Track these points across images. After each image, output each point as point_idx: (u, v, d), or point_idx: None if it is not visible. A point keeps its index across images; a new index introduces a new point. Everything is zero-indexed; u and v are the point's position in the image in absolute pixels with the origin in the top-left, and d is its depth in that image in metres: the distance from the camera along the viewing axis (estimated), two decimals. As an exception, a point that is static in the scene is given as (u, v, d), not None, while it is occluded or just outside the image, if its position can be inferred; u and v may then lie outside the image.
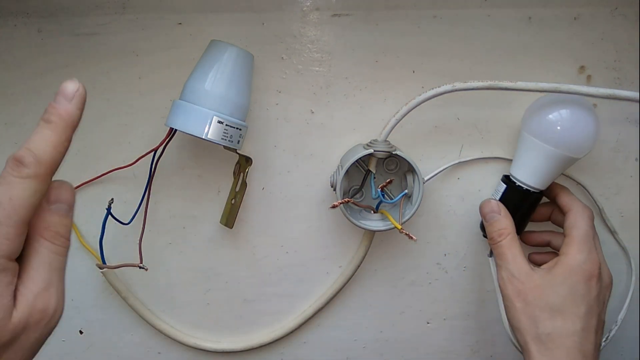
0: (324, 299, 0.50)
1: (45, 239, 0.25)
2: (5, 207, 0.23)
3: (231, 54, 0.41)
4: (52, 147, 0.24)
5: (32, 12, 0.46)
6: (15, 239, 0.23)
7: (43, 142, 0.24)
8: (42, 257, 0.24)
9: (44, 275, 0.24)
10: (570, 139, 0.42)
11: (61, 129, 0.25)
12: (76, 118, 0.26)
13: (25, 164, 0.23)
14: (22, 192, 0.23)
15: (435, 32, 0.46)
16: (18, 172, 0.23)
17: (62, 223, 0.26)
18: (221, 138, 0.40)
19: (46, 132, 0.25)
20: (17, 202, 0.23)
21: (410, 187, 0.44)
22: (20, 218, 0.23)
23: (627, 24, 0.46)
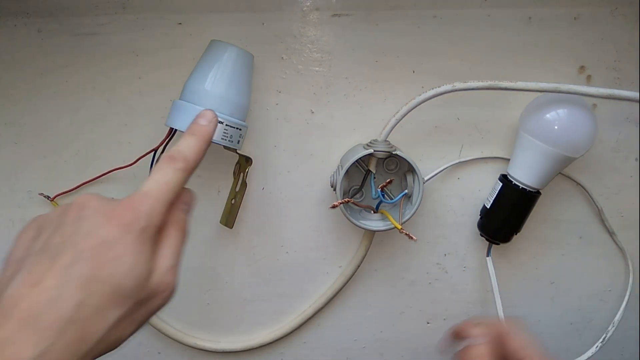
0: (324, 299, 0.50)
1: (174, 229, 0.30)
2: (162, 187, 0.29)
3: (231, 54, 0.41)
4: (194, 152, 0.31)
5: (32, 12, 0.46)
6: (162, 215, 0.28)
7: (188, 146, 0.31)
8: (173, 241, 0.29)
9: (173, 256, 0.29)
10: (568, 138, 0.42)
11: (201, 140, 0.32)
12: (211, 135, 0.34)
13: (177, 159, 0.30)
14: (174, 179, 0.29)
15: (435, 32, 0.46)
16: (173, 164, 0.30)
17: (186, 219, 0.31)
18: (221, 138, 0.40)
19: (190, 140, 0.32)
20: (170, 185, 0.29)
21: (410, 187, 0.44)
22: (169, 198, 0.29)
23: (627, 24, 0.46)
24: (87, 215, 0.27)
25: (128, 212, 0.27)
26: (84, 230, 0.26)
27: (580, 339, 0.52)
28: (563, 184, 0.49)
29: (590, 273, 0.51)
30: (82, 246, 0.25)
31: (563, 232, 0.50)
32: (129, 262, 0.26)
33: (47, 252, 0.26)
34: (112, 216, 0.27)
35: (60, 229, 0.27)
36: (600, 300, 0.51)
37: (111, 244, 0.26)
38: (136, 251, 0.26)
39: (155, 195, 0.28)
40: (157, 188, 0.29)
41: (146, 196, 0.28)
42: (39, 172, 0.48)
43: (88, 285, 0.25)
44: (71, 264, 0.25)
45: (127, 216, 0.27)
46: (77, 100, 0.47)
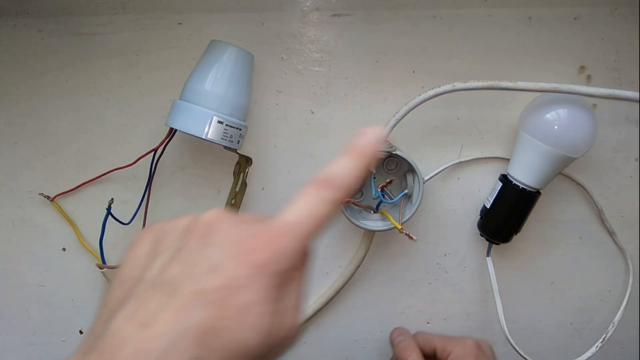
0: (324, 299, 0.50)
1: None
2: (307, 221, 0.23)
3: (231, 54, 0.41)
4: (351, 178, 0.25)
5: (32, 12, 0.46)
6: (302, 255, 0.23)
7: (344, 171, 0.25)
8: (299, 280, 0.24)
9: (297, 297, 0.24)
10: (567, 138, 0.42)
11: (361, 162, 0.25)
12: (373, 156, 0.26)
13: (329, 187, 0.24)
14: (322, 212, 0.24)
15: (435, 32, 0.46)
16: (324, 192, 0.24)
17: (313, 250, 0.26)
18: (221, 138, 0.40)
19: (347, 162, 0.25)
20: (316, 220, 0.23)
21: (410, 187, 0.44)
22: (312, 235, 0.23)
23: (627, 24, 0.46)
24: (214, 242, 0.22)
25: (264, 250, 0.22)
26: (209, 262, 0.21)
27: (580, 339, 0.52)
28: (563, 184, 0.49)
29: (590, 273, 0.51)
30: (204, 285, 0.20)
31: (563, 232, 0.50)
32: (256, 314, 0.21)
33: (164, 284, 0.21)
34: (244, 251, 0.21)
35: (182, 254, 0.22)
36: (600, 300, 0.51)
37: (239, 288, 0.21)
38: (266, 300, 0.21)
39: (297, 230, 0.23)
40: (301, 222, 0.23)
41: (288, 231, 0.22)
42: (39, 172, 0.48)
43: (205, 338, 0.20)
44: (190, 307, 0.20)
45: (263, 254, 0.21)
46: (77, 100, 0.47)
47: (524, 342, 0.48)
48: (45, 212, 0.49)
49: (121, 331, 0.20)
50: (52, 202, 0.48)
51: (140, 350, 0.19)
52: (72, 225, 0.49)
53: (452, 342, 0.44)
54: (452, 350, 0.43)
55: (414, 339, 0.47)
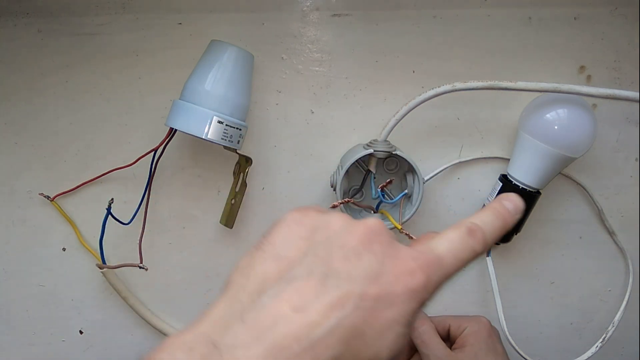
0: (324, 299, 0.50)
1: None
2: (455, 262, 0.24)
3: (231, 54, 0.41)
4: (493, 238, 0.25)
5: (32, 12, 0.46)
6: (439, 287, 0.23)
7: (492, 229, 0.25)
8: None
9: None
10: (567, 138, 0.42)
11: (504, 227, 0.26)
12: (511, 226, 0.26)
13: (478, 239, 0.24)
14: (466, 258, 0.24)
15: (435, 32, 0.46)
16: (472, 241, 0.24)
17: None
18: (221, 138, 0.40)
19: (496, 223, 0.26)
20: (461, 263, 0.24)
21: (410, 187, 0.44)
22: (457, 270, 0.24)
23: (627, 24, 0.46)
24: (376, 251, 0.22)
25: (421, 276, 0.22)
26: (370, 269, 0.21)
27: (580, 339, 0.52)
28: (563, 184, 0.49)
29: (590, 273, 0.51)
30: (363, 290, 0.21)
31: (563, 232, 0.50)
32: (396, 333, 0.21)
33: (323, 275, 0.21)
34: (404, 270, 0.22)
35: (343, 251, 0.22)
36: (600, 300, 0.51)
37: (392, 304, 0.21)
38: (406, 323, 0.21)
39: (447, 267, 0.23)
40: (451, 260, 0.23)
41: (441, 265, 0.23)
42: (39, 172, 0.48)
43: (350, 340, 0.20)
44: (345, 306, 0.20)
45: (419, 281, 0.22)
46: (77, 100, 0.47)
47: (524, 342, 0.48)
48: (45, 212, 0.49)
49: (275, 310, 0.20)
50: (52, 202, 0.48)
51: (293, 334, 0.19)
52: (72, 225, 0.49)
53: (466, 320, 0.46)
54: (467, 326, 0.45)
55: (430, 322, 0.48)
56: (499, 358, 0.43)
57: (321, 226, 0.23)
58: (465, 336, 0.44)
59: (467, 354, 0.43)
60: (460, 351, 0.43)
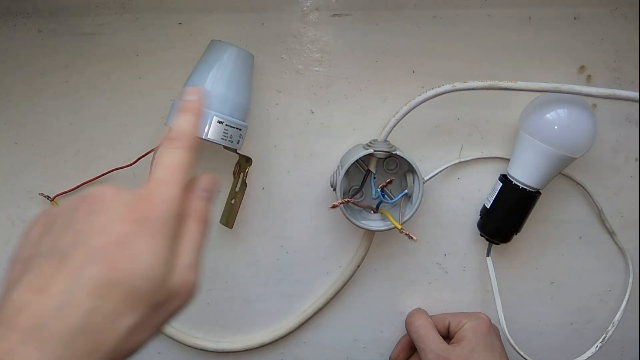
0: (324, 299, 0.50)
1: (193, 221, 0.27)
2: (171, 170, 0.27)
3: (231, 54, 0.41)
4: (192, 127, 0.30)
5: (32, 12, 0.46)
6: (179, 201, 0.26)
7: (183, 124, 0.29)
8: (191, 236, 0.27)
9: (193, 252, 0.26)
10: (567, 138, 0.42)
11: (195, 114, 0.30)
12: (201, 108, 0.31)
13: (176, 139, 0.28)
14: (180, 158, 0.28)
15: (435, 32, 0.46)
16: (174, 144, 0.28)
17: (207, 209, 0.29)
18: (221, 138, 0.40)
19: (184, 117, 0.30)
20: (179, 166, 0.27)
21: (410, 187, 0.44)
22: (182, 179, 0.27)
23: (627, 24, 0.46)
24: (100, 210, 0.24)
25: (143, 204, 0.25)
26: (96, 226, 0.24)
27: (580, 339, 0.52)
28: (563, 184, 0.49)
29: (590, 273, 0.51)
30: (94, 245, 0.23)
31: (563, 232, 0.50)
32: (146, 262, 0.23)
33: (56, 252, 0.23)
34: (127, 210, 0.24)
35: (71, 226, 0.24)
36: (600, 300, 0.51)
37: (126, 241, 0.23)
38: (154, 248, 0.24)
39: (166, 179, 0.26)
40: (166, 172, 0.27)
41: (158, 183, 0.26)
42: (39, 172, 0.48)
43: (100, 289, 0.22)
44: (82, 266, 0.22)
45: (143, 208, 0.25)
46: (77, 100, 0.47)
47: (524, 342, 0.48)
48: (45, 212, 0.49)
49: (19, 300, 0.22)
50: (52, 202, 0.48)
51: (37, 312, 0.21)
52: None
53: (466, 316, 0.46)
54: (466, 322, 0.45)
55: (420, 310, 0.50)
56: (497, 354, 0.43)
57: (53, 219, 0.26)
58: (464, 331, 0.44)
59: (464, 348, 0.43)
60: (458, 345, 0.43)
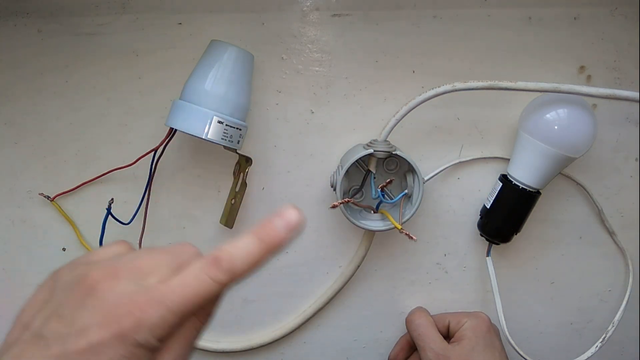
0: (324, 299, 0.50)
1: (180, 343, 0.24)
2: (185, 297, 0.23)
3: (231, 54, 0.41)
4: (248, 263, 0.24)
5: (32, 12, 0.46)
6: (171, 329, 0.23)
7: (243, 253, 0.24)
8: (188, 332, 0.24)
9: (183, 351, 0.24)
10: (567, 139, 0.42)
11: (266, 249, 0.24)
12: (282, 246, 0.25)
13: (222, 268, 0.24)
14: (206, 291, 0.24)
15: (435, 32, 0.46)
16: (214, 272, 0.24)
17: (199, 334, 0.25)
18: (221, 138, 0.40)
19: (251, 245, 0.24)
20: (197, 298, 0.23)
21: (410, 187, 0.44)
22: (188, 312, 0.23)
23: (627, 24, 0.46)
24: (89, 305, 0.23)
25: (129, 318, 0.22)
26: (80, 323, 0.23)
27: (580, 339, 0.52)
28: (563, 184, 0.49)
29: (590, 273, 0.51)
30: (70, 346, 0.22)
31: (563, 232, 0.50)
32: None
33: (41, 337, 0.23)
34: (113, 317, 0.22)
35: (61, 311, 0.23)
36: (600, 300, 0.51)
37: (98, 353, 0.22)
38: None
39: (172, 303, 0.23)
40: (178, 295, 0.23)
41: (159, 302, 0.23)
42: (39, 172, 0.48)
43: None
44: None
45: (127, 323, 0.22)
46: (77, 100, 0.47)
47: (524, 342, 0.48)
48: (45, 212, 0.49)
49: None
50: (52, 202, 0.48)
51: None
52: (72, 225, 0.49)
53: (466, 315, 0.46)
54: (466, 321, 0.45)
55: (421, 308, 0.50)
56: (497, 353, 0.43)
57: (57, 286, 0.25)
58: (464, 330, 0.44)
59: (464, 347, 0.43)
60: (458, 344, 0.44)
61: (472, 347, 0.43)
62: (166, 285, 0.23)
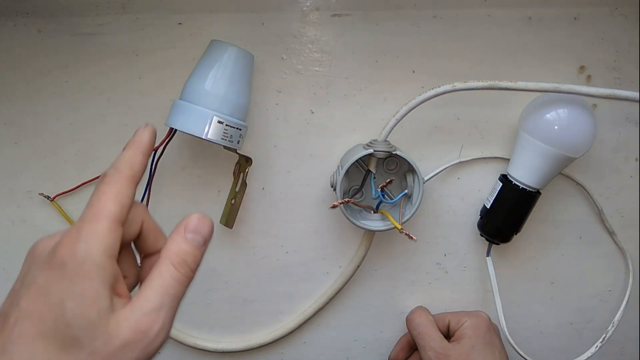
0: (324, 299, 0.50)
1: (171, 264, 0.25)
2: (97, 203, 0.25)
3: (231, 54, 0.41)
4: (128, 160, 0.27)
5: (32, 12, 0.46)
6: (109, 235, 0.24)
7: (121, 159, 0.28)
8: (163, 280, 0.25)
9: (158, 298, 0.24)
10: (567, 139, 0.42)
11: (135, 149, 0.28)
12: (149, 144, 0.29)
13: (107, 174, 0.26)
14: (109, 190, 0.25)
15: (435, 32, 0.46)
16: (104, 179, 0.26)
17: (193, 254, 0.27)
18: (221, 138, 0.40)
19: (125, 151, 0.28)
20: (106, 199, 0.25)
21: (410, 187, 0.44)
22: (111, 212, 0.24)
23: (627, 24, 0.46)
24: (30, 265, 0.25)
25: (62, 247, 0.23)
26: (26, 283, 0.23)
27: (580, 339, 0.52)
28: (563, 184, 0.49)
29: (590, 273, 0.51)
30: (22, 302, 0.23)
31: (563, 232, 0.50)
32: (70, 308, 0.22)
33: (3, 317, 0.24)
34: (48, 257, 0.23)
35: (14, 287, 0.25)
36: (600, 300, 0.51)
37: (47, 290, 0.23)
38: (77, 292, 0.22)
39: (93, 215, 0.24)
40: (94, 208, 0.25)
41: (83, 220, 0.24)
42: (39, 172, 0.48)
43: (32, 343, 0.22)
44: (14, 325, 0.22)
45: (61, 251, 0.23)
46: (77, 100, 0.47)
47: (524, 342, 0.48)
48: (45, 212, 0.49)
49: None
50: (52, 202, 0.48)
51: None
52: (72, 225, 0.48)
53: (465, 314, 0.46)
54: (466, 320, 0.45)
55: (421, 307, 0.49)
56: (496, 352, 0.43)
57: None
58: (464, 329, 0.44)
59: (464, 345, 0.43)
60: (458, 343, 0.44)
61: (472, 346, 0.43)
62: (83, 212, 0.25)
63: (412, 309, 0.48)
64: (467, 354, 0.43)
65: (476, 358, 0.43)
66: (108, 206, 0.25)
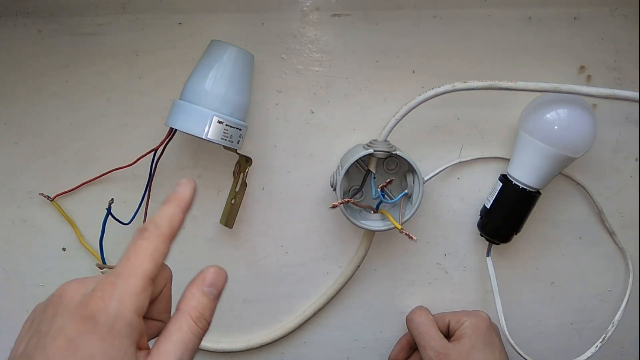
0: (324, 299, 0.50)
1: (190, 318, 0.26)
2: (134, 262, 0.25)
3: (231, 54, 0.41)
4: (170, 217, 0.27)
5: (32, 12, 0.46)
6: (141, 294, 0.24)
7: (162, 213, 0.28)
8: (182, 334, 0.25)
9: (178, 352, 0.25)
10: (567, 138, 0.42)
11: (176, 206, 0.28)
12: (190, 201, 0.30)
13: (147, 229, 0.26)
14: (147, 247, 0.25)
15: (435, 32, 0.46)
16: (143, 234, 0.26)
17: (210, 307, 0.27)
18: (221, 138, 0.40)
19: (165, 207, 0.28)
20: (143, 256, 0.25)
21: (410, 187, 0.44)
22: (146, 270, 0.25)
23: (627, 24, 0.46)
24: (60, 312, 0.24)
25: (95, 301, 0.23)
26: (53, 330, 0.23)
27: (580, 339, 0.52)
28: (563, 184, 0.49)
29: (590, 273, 0.51)
30: (50, 350, 0.23)
31: (563, 232, 0.50)
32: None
33: (26, 356, 0.24)
34: (79, 307, 0.23)
35: (39, 328, 0.24)
36: (600, 300, 0.51)
37: (77, 344, 0.22)
38: (105, 350, 0.23)
39: (128, 272, 0.24)
40: (129, 264, 0.25)
41: (118, 276, 0.24)
42: (39, 172, 0.48)
43: None
44: None
45: (94, 305, 0.23)
46: (77, 100, 0.47)
47: (524, 342, 0.48)
48: (45, 212, 0.49)
49: None
50: (52, 202, 0.48)
51: None
52: (72, 225, 0.49)
53: (465, 314, 0.46)
54: (466, 320, 0.45)
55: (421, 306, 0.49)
56: (496, 351, 0.44)
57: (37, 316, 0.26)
58: (464, 329, 0.44)
59: (464, 345, 0.43)
60: (458, 343, 0.44)
61: (472, 345, 0.43)
62: (117, 266, 0.25)
63: (412, 309, 0.49)
64: (467, 353, 0.43)
65: (476, 357, 0.43)
66: (144, 264, 0.25)
